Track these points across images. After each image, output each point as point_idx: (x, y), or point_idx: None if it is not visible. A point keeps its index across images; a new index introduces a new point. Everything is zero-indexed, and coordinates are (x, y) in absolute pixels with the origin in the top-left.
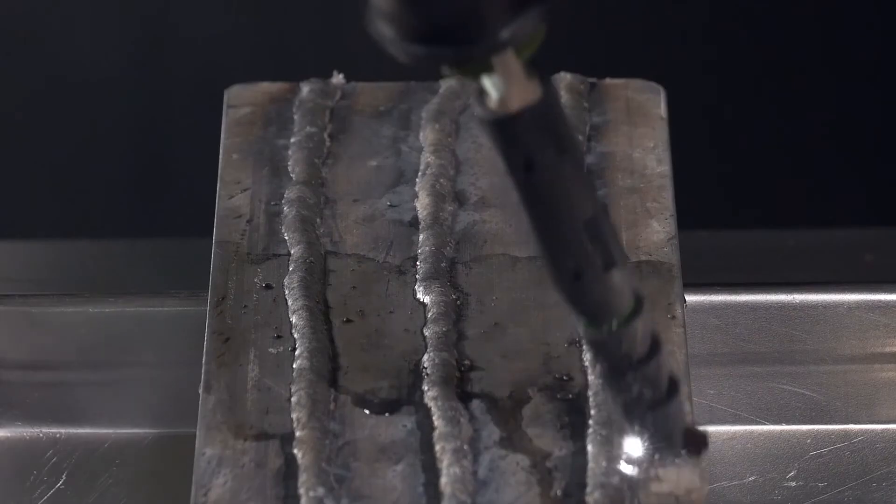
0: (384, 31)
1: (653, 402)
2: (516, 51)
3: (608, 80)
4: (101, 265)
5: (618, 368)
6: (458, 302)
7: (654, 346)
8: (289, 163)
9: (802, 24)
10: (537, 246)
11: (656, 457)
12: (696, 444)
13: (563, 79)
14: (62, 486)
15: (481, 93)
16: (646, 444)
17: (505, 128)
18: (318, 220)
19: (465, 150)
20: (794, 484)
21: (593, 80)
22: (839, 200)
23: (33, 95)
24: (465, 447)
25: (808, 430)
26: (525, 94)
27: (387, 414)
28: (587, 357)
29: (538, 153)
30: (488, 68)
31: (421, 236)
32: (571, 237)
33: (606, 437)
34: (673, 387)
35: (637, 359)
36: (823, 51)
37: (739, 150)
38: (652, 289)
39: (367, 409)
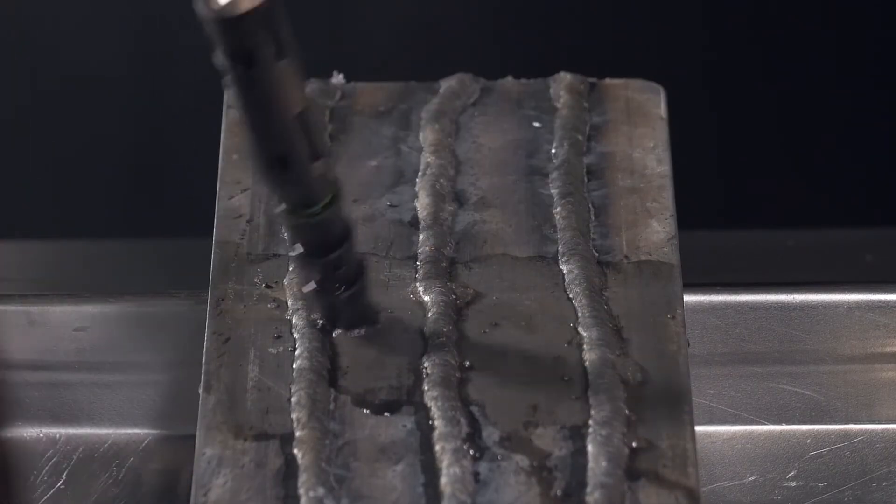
0: None
1: (345, 280)
2: None
3: (608, 80)
4: (101, 265)
5: (315, 252)
6: (458, 302)
7: (347, 232)
8: None
9: (802, 24)
10: (248, 135)
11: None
12: (369, 319)
13: (563, 79)
14: (62, 486)
15: None
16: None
17: (230, 26)
18: None
19: (465, 150)
20: (794, 484)
21: (593, 80)
22: (839, 200)
23: (33, 95)
24: (465, 447)
25: (808, 430)
26: None
27: (387, 414)
28: (587, 357)
29: (259, 51)
30: None
31: (421, 236)
32: (282, 128)
33: (606, 437)
34: (360, 269)
35: (332, 243)
36: (823, 50)
37: (739, 150)
38: (652, 289)
39: (367, 409)
